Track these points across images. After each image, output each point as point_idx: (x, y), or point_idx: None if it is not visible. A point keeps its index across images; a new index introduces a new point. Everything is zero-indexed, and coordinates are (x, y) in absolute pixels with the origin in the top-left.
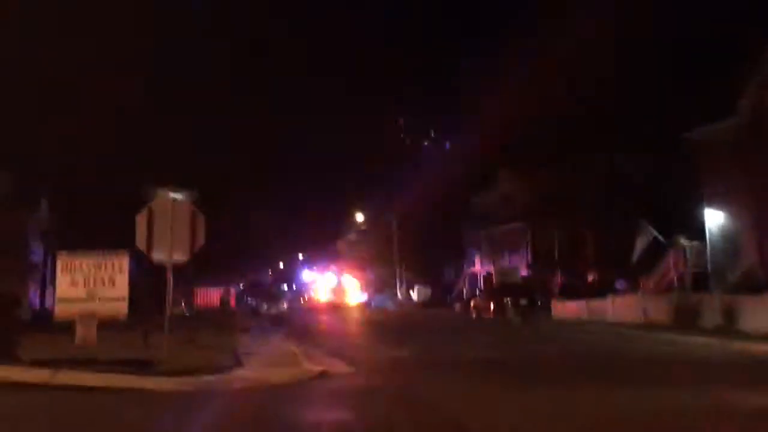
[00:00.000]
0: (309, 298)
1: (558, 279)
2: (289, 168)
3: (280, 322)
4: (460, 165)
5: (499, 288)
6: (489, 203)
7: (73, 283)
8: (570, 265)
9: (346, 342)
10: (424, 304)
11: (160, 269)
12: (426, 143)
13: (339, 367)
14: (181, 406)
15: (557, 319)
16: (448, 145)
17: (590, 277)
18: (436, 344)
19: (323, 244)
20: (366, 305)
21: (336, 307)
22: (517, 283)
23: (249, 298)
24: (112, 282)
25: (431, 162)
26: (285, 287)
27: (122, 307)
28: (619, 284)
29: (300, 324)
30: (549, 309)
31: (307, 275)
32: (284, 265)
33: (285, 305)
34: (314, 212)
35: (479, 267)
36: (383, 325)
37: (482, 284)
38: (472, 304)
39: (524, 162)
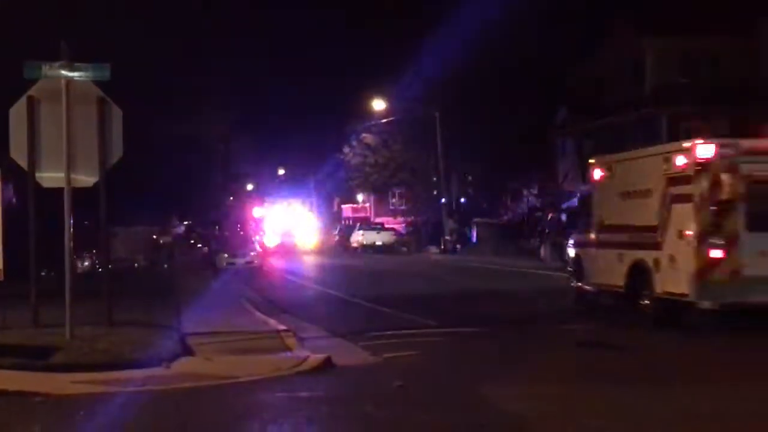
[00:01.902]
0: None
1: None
2: (267, 42)
3: (250, 280)
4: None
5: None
6: (595, 78)
7: None
8: None
9: (357, 312)
10: (484, 249)
11: (52, 198)
12: None
13: (352, 354)
14: (90, 420)
15: None
16: None
17: None
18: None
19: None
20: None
21: (296, 253)
22: None
23: (200, 244)
24: None
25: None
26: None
27: None
28: None
29: (280, 283)
30: None
31: (258, 211)
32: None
33: (256, 255)
34: (304, 113)
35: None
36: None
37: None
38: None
39: (656, 20)
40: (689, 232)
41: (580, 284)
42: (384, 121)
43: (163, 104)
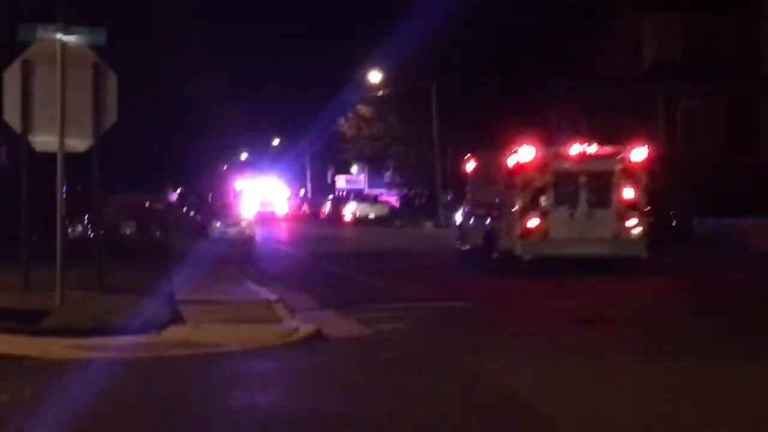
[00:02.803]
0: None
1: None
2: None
3: (246, 252)
4: None
5: None
6: (594, 52)
7: None
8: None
9: (349, 284)
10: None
11: (45, 162)
12: None
13: (343, 326)
14: (79, 385)
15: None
16: None
17: None
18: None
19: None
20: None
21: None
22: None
23: (193, 212)
24: None
25: None
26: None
27: None
28: None
29: (271, 253)
30: (688, 231)
31: (240, 183)
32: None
33: (249, 224)
34: (301, 83)
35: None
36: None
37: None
38: None
39: None
40: (515, 209)
41: (460, 246)
42: (380, 93)
43: (159, 66)
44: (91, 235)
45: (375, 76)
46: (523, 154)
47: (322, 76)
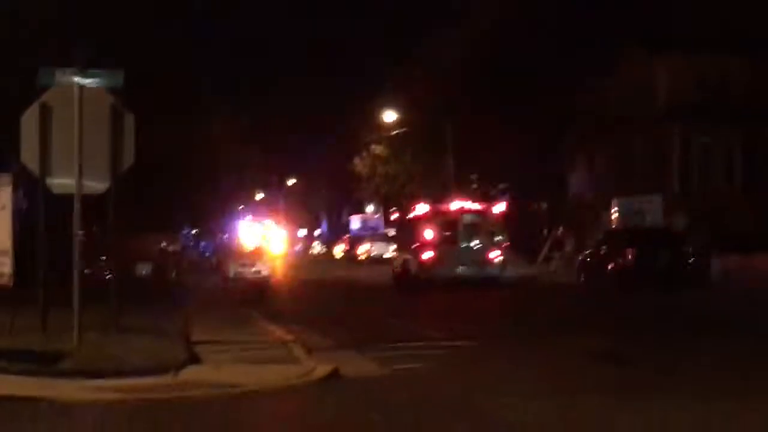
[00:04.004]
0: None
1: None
2: (283, 45)
3: (262, 291)
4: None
5: (623, 235)
6: (607, 96)
7: None
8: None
9: (366, 323)
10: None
11: (62, 203)
12: None
13: (359, 366)
14: (96, 427)
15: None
16: None
17: None
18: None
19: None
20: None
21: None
22: (655, 228)
23: (208, 252)
24: None
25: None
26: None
27: (4, 267)
28: None
29: (287, 293)
30: (704, 270)
31: (245, 225)
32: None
33: (266, 265)
34: (316, 123)
35: (592, 200)
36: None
37: (595, 229)
38: (578, 261)
39: (667, 38)
40: (415, 246)
41: (402, 273)
42: (394, 132)
43: (176, 108)
44: (108, 277)
45: (389, 116)
46: (419, 209)
47: (336, 116)
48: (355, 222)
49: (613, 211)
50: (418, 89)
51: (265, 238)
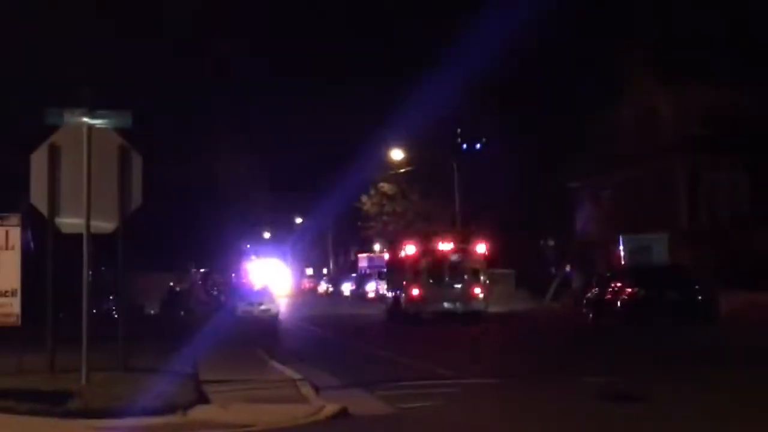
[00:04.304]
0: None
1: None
2: (287, 78)
3: (270, 330)
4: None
5: (630, 273)
6: (613, 128)
7: None
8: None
9: (373, 361)
10: (500, 301)
11: (69, 243)
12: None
13: (368, 404)
14: None
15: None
16: None
17: None
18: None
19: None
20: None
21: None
22: (664, 266)
23: (216, 290)
24: None
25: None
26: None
27: (12, 307)
28: None
29: (294, 331)
30: (713, 307)
31: (253, 263)
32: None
33: (273, 303)
34: (323, 161)
35: (598, 237)
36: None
37: (604, 267)
38: (585, 300)
39: (675, 70)
40: (404, 283)
41: (393, 309)
42: (402, 170)
43: (180, 150)
44: (116, 316)
45: (397, 154)
46: (407, 249)
47: (343, 155)
48: (362, 261)
49: (620, 247)
50: (425, 128)
51: (272, 277)
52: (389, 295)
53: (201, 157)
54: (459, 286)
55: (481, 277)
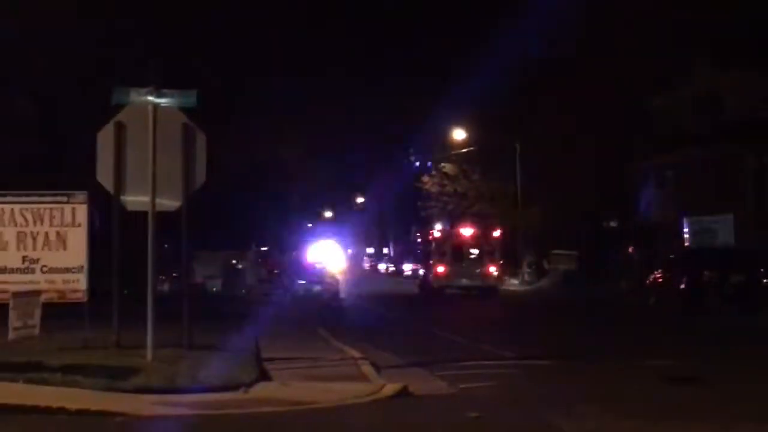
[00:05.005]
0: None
1: None
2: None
3: (331, 308)
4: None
5: (694, 255)
6: (675, 112)
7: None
8: None
9: (433, 341)
10: (563, 282)
11: (133, 221)
12: None
13: (428, 384)
14: None
15: None
16: None
17: None
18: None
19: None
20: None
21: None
22: (727, 248)
23: (278, 270)
24: (63, 242)
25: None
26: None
27: (79, 283)
28: None
29: (354, 310)
30: None
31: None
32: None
33: (333, 281)
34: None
35: (662, 219)
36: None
37: (665, 249)
38: (647, 282)
39: (740, 52)
40: (431, 262)
41: (424, 284)
42: (463, 150)
43: (245, 129)
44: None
45: (459, 134)
46: (435, 232)
47: (406, 135)
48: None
49: (684, 230)
50: (488, 107)
51: (332, 256)
52: (420, 272)
53: (265, 137)
54: (476, 265)
55: (495, 258)
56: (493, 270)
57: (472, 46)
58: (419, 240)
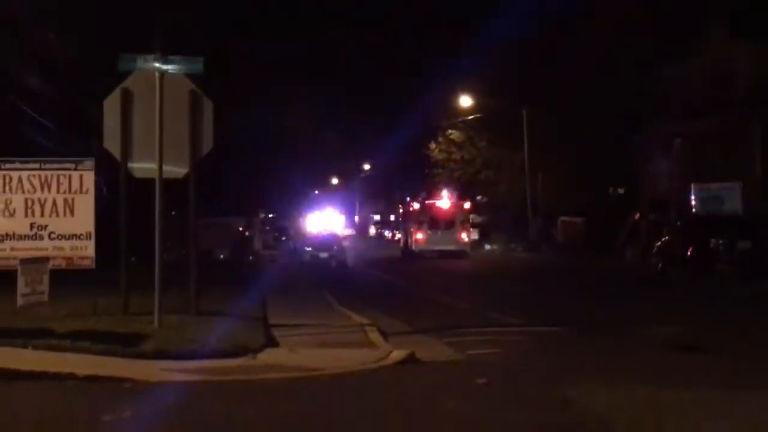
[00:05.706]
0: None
1: None
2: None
3: (337, 275)
4: (641, 17)
5: (701, 223)
6: (684, 81)
7: (7, 210)
8: None
9: (443, 305)
10: (570, 249)
11: (140, 188)
12: None
13: (435, 350)
14: (178, 407)
15: None
16: None
17: None
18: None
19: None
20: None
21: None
22: (735, 215)
23: (284, 236)
24: (70, 208)
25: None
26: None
27: (87, 249)
28: None
29: (361, 277)
30: None
31: (320, 209)
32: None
33: (341, 249)
34: (391, 107)
35: (669, 187)
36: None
37: (672, 217)
38: (654, 249)
39: (749, 22)
40: (411, 230)
41: (405, 248)
42: (470, 117)
43: (251, 96)
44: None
45: (466, 100)
46: (414, 203)
47: (412, 101)
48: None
49: (691, 197)
50: (495, 74)
51: (338, 223)
52: (403, 238)
53: (272, 105)
54: (449, 232)
55: (466, 225)
56: (464, 236)
57: (482, 11)
58: (401, 211)
